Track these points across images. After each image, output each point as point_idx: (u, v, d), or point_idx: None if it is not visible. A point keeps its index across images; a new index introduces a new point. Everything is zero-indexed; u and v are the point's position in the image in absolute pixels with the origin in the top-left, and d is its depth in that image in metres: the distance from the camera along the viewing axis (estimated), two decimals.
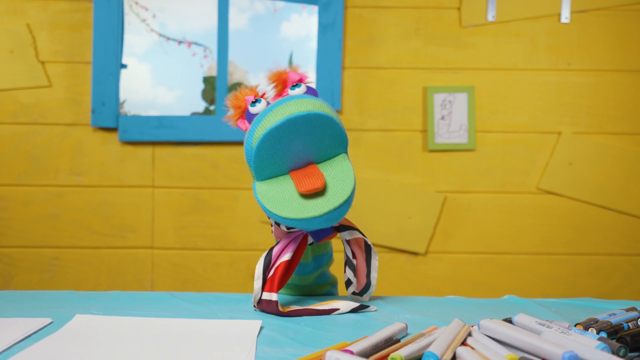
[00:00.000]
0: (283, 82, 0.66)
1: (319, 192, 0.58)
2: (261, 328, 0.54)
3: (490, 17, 1.52)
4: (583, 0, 1.52)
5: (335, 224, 0.64)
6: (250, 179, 1.53)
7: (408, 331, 0.53)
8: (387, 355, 0.42)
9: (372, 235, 1.52)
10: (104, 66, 1.51)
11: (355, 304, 0.63)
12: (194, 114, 1.64)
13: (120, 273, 1.53)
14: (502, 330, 0.45)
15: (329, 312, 0.62)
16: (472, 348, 0.44)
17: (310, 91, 0.64)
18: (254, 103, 0.62)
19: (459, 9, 1.53)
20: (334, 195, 0.58)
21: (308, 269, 0.70)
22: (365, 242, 0.65)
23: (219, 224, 1.53)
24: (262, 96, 0.65)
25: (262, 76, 0.69)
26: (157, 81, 1.68)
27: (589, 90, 1.53)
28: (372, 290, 0.67)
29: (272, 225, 0.67)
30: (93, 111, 1.51)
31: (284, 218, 0.57)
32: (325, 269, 0.74)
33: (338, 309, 0.62)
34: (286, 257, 0.62)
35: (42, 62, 1.52)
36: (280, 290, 0.72)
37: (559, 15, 1.52)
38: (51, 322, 0.55)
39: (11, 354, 0.45)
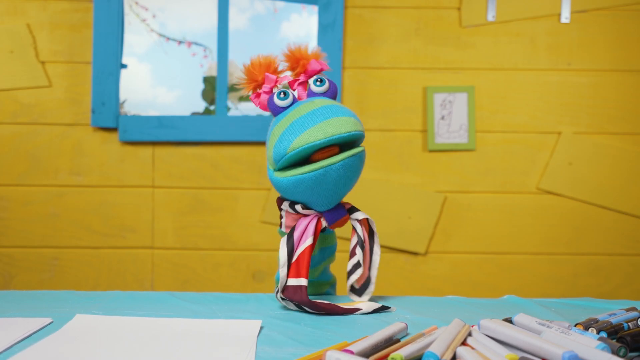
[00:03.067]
0: (302, 66, 0.67)
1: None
2: (261, 328, 0.54)
3: (490, 17, 1.52)
4: (583, 0, 1.52)
5: (345, 205, 0.66)
6: (250, 180, 1.53)
7: (408, 331, 0.53)
8: (387, 355, 0.42)
9: None
10: (104, 66, 1.51)
11: (376, 305, 0.63)
12: (194, 114, 1.64)
13: (120, 273, 1.53)
14: (502, 330, 0.45)
15: (351, 311, 0.62)
16: (472, 348, 0.44)
17: (332, 87, 0.66)
18: (282, 97, 0.64)
19: (459, 9, 1.53)
20: (347, 150, 0.62)
21: (315, 261, 0.70)
22: (371, 230, 0.67)
23: (219, 224, 1.53)
24: (289, 83, 0.67)
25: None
26: (157, 81, 1.68)
27: (589, 90, 1.53)
28: (372, 289, 0.66)
29: (281, 218, 0.67)
30: (93, 111, 1.51)
31: (306, 173, 0.60)
32: (327, 263, 0.73)
33: (360, 309, 0.62)
34: (309, 241, 0.63)
35: (42, 62, 1.52)
36: None
37: (559, 15, 1.52)
38: (51, 322, 0.55)
39: (11, 354, 0.45)
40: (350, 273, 0.65)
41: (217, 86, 1.57)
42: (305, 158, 0.62)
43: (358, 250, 0.65)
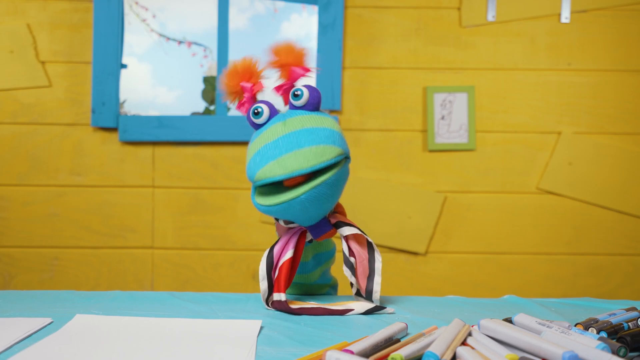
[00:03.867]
0: (287, 71, 0.65)
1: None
2: (261, 328, 0.54)
3: (490, 17, 1.52)
4: (583, 0, 1.52)
5: (332, 220, 0.64)
6: (248, 180, 1.53)
7: (408, 331, 0.53)
8: (387, 355, 0.42)
9: (372, 235, 1.52)
10: (104, 66, 1.51)
11: (370, 305, 0.62)
12: (194, 114, 1.64)
13: (120, 273, 1.53)
14: (502, 330, 0.45)
15: (342, 312, 0.61)
16: (472, 348, 0.44)
17: (311, 97, 0.64)
18: (256, 115, 0.63)
19: (459, 9, 1.53)
20: (316, 176, 0.60)
21: (308, 268, 0.70)
22: (368, 242, 0.65)
23: (219, 224, 1.53)
24: (275, 88, 0.66)
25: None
26: (157, 81, 1.68)
27: (589, 90, 1.53)
28: (377, 297, 0.64)
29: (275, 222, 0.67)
30: (93, 111, 1.51)
31: (269, 205, 0.60)
32: (326, 267, 0.73)
33: (352, 310, 0.62)
34: (288, 255, 0.63)
35: (42, 62, 1.52)
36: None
37: (559, 15, 1.52)
38: (51, 322, 0.55)
39: (11, 354, 0.45)
40: (352, 285, 0.66)
41: (217, 86, 1.57)
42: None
43: (345, 269, 0.65)
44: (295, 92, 0.63)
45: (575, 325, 0.50)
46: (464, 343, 0.45)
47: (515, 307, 0.65)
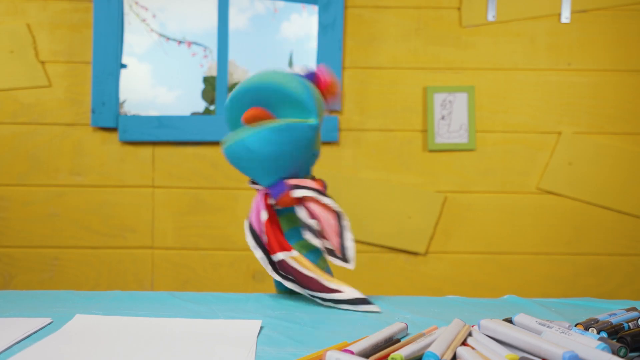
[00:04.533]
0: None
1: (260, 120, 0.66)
2: (261, 328, 0.54)
3: (490, 17, 1.52)
4: (583, 0, 1.52)
5: (290, 182, 0.66)
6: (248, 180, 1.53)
7: (408, 331, 0.53)
8: (387, 355, 0.42)
9: (372, 235, 1.52)
10: (104, 66, 1.51)
11: (359, 295, 0.63)
12: (194, 114, 1.64)
13: (120, 273, 1.53)
14: (502, 330, 0.45)
15: (331, 291, 0.62)
16: (473, 348, 0.44)
17: (310, 74, 0.70)
18: None
19: (459, 9, 1.53)
20: (267, 123, 0.65)
21: (296, 237, 0.70)
22: (336, 211, 0.66)
23: (219, 224, 1.53)
24: None
25: None
26: (157, 81, 1.68)
27: (589, 90, 1.53)
28: (352, 253, 0.65)
29: None
30: (93, 111, 1.51)
31: (225, 147, 0.66)
32: (308, 249, 0.71)
33: (340, 292, 0.62)
34: (263, 217, 0.66)
35: (42, 62, 1.52)
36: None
37: (559, 15, 1.52)
38: (51, 322, 0.55)
39: (11, 354, 0.45)
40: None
41: (217, 86, 1.57)
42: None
43: (306, 234, 0.66)
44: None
45: (575, 326, 0.50)
46: (464, 343, 0.45)
47: (515, 307, 0.65)
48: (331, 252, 0.66)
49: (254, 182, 0.70)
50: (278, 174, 0.66)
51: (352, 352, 0.42)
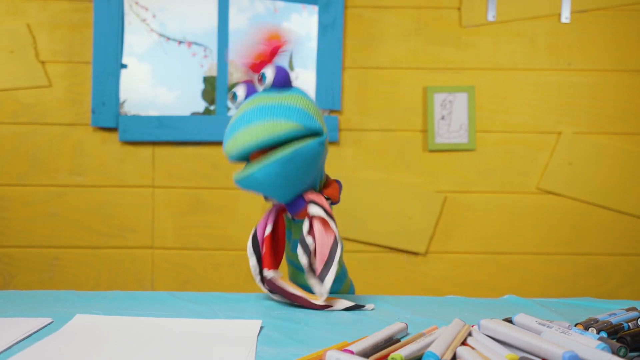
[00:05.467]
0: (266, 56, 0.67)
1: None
2: (261, 328, 0.54)
3: (490, 17, 1.52)
4: (583, 0, 1.52)
5: (307, 198, 0.65)
6: None
7: (408, 331, 0.53)
8: (387, 355, 0.42)
9: (372, 235, 1.52)
10: (104, 66, 1.51)
11: (349, 303, 0.63)
12: (194, 114, 1.64)
13: (120, 273, 1.53)
14: (502, 330, 0.45)
15: (321, 307, 0.62)
16: (472, 348, 0.44)
17: (277, 76, 0.64)
18: (231, 99, 0.67)
19: (459, 9, 1.53)
20: (273, 152, 0.61)
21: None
22: (334, 235, 0.63)
23: (219, 224, 1.53)
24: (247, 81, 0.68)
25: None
26: (157, 81, 1.68)
27: (589, 90, 1.53)
28: (327, 288, 0.61)
29: None
30: (93, 111, 1.51)
31: (236, 180, 0.64)
32: None
33: (330, 306, 0.62)
34: (267, 230, 0.66)
35: (42, 62, 1.52)
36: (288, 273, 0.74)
37: (559, 15, 1.52)
38: (51, 322, 0.55)
39: (11, 354, 0.45)
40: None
41: (217, 86, 1.57)
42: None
43: (298, 249, 0.64)
44: (258, 77, 0.65)
45: (575, 325, 0.50)
46: (464, 343, 0.45)
47: (515, 307, 0.65)
48: (311, 273, 0.64)
49: (267, 198, 0.69)
50: (294, 192, 0.65)
51: (352, 352, 0.42)
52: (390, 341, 0.46)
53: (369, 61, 1.54)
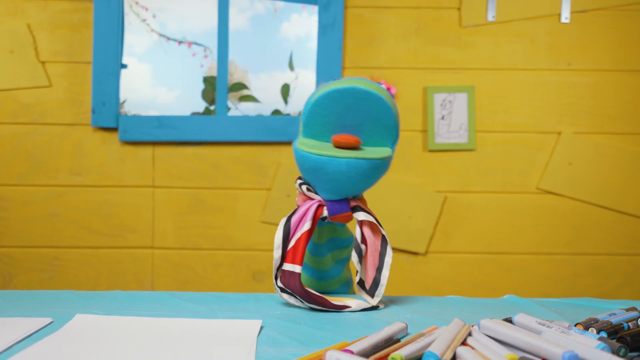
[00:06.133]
0: None
1: (353, 149, 0.61)
2: (261, 328, 0.54)
3: (490, 17, 1.52)
4: (583, 0, 1.52)
5: (352, 203, 0.63)
6: (250, 180, 1.53)
7: (408, 331, 0.53)
8: (387, 355, 0.42)
9: None
10: (104, 66, 1.51)
11: (366, 305, 0.62)
12: (194, 114, 1.64)
13: (120, 273, 1.53)
14: (502, 330, 0.45)
15: (340, 308, 0.61)
16: (472, 348, 0.44)
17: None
18: None
19: (459, 9, 1.53)
20: (366, 152, 0.61)
21: (321, 251, 0.69)
22: (382, 235, 0.64)
23: (219, 224, 1.53)
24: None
25: (262, 77, 0.69)
26: (157, 81, 1.68)
27: (589, 90, 1.53)
28: (382, 291, 0.63)
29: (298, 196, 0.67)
30: (93, 111, 1.51)
31: (311, 153, 0.60)
32: (339, 257, 0.71)
33: (350, 307, 0.62)
34: (307, 226, 0.62)
35: (42, 62, 1.52)
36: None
37: (559, 15, 1.52)
38: (51, 322, 0.55)
39: (11, 354, 0.45)
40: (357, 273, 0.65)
41: (217, 86, 1.57)
42: (327, 131, 0.62)
43: (354, 255, 0.64)
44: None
45: (575, 325, 0.50)
46: (464, 343, 0.45)
47: (515, 307, 0.65)
48: (361, 284, 0.64)
49: (309, 190, 0.65)
50: (344, 195, 0.63)
51: (352, 352, 0.42)
52: (390, 341, 0.46)
53: (369, 61, 1.54)
